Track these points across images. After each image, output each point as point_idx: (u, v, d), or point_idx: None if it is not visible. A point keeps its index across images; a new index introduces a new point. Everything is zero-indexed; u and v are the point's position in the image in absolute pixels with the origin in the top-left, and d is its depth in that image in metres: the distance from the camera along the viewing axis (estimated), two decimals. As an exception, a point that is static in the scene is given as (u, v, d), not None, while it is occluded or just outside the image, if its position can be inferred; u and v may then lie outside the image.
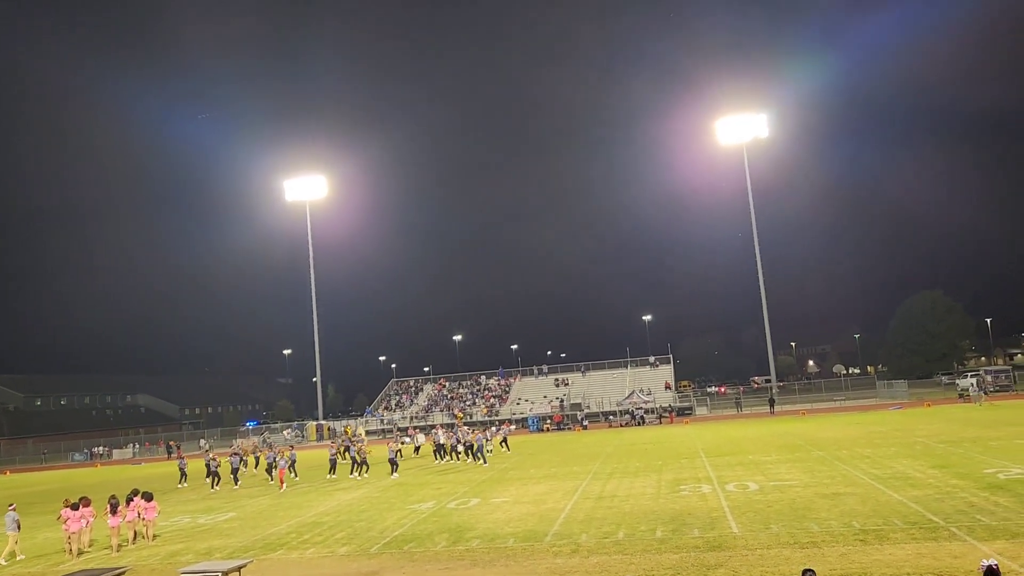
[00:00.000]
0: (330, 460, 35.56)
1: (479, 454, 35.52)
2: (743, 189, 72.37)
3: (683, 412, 63.94)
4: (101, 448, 76.80)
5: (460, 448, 37.75)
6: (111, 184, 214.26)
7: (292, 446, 44.90)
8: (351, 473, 34.40)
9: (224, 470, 35.89)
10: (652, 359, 77.92)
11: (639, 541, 15.94)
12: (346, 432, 65.09)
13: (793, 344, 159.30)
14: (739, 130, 70.82)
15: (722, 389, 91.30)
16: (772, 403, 60.55)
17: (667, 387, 70.21)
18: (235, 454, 37.56)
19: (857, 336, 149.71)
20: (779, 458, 28.52)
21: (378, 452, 39.42)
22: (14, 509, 21.02)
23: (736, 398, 70.51)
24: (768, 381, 76.82)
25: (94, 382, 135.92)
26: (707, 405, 68.69)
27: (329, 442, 45.16)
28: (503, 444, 42.41)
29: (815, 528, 15.84)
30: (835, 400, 65.22)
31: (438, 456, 38.60)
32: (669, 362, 76.88)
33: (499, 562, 15.11)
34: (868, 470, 23.48)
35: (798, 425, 44.62)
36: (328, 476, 34.58)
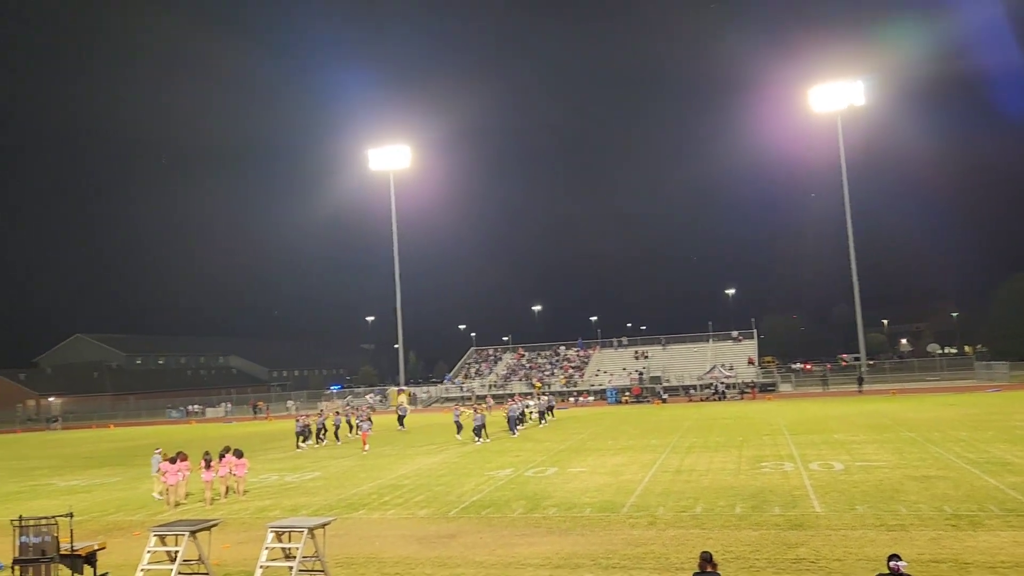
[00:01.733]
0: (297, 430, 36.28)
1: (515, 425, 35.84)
2: (836, 159, 69.73)
3: (766, 388, 62.66)
4: (195, 406, 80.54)
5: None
6: (201, 154, 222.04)
7: (372, 408, 46.06)
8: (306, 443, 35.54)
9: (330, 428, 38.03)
10: (735, 334, 76.38)
11: (718, 516, 15.75)
12: (399, 397, 66.32)
13: (885, 322, 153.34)
14: (834, 98, 68.03)
15: (808, 366, 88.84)
16: (861, 381, 58.67)
17: (750, 362, 68.81)
18: (337, 413, 39.61)
19: (955, 314, 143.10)
20: (866, 438, 27.65)
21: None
22: (160, 453, 22.52)
23: (822, 375, 68.57)
24: (857, 359, 74.35)
25: (190, 344, 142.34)
26: (791, 382, 67.08)
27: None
28: (543, 416, 42.77)
29: (903, 511, 15.32)
30: (928, 380, 62.67)
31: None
32: (753, 337, 75.22)
33: (575, 531, 15.17)
34: (962, 453, 22.53)
35: (888, 405, 43.13)
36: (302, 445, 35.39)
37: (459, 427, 34.58)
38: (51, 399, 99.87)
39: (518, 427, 36.75)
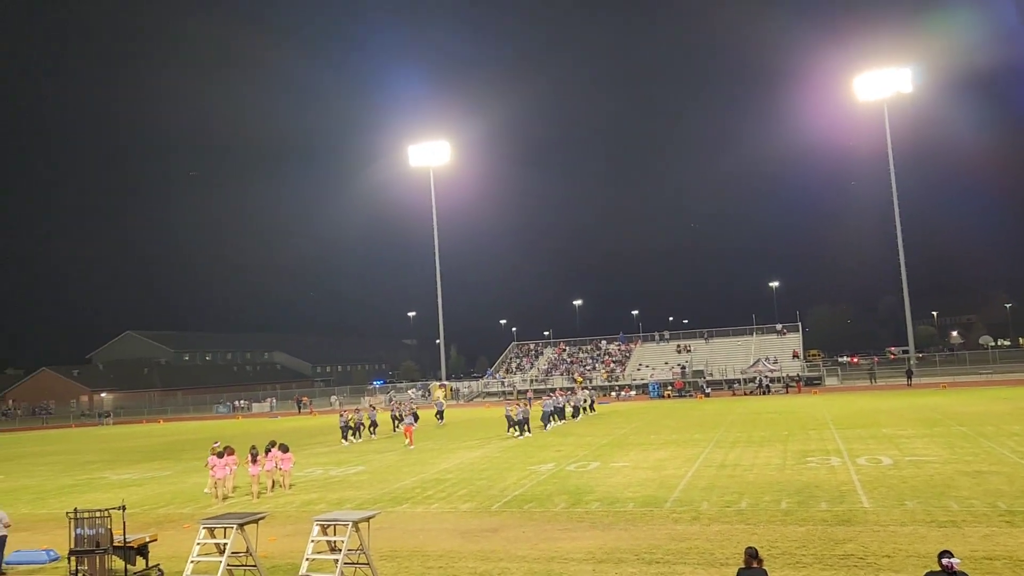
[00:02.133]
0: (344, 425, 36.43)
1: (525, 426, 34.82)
2: (882, 148, 68.25)
3: (811, 382, 61.68)
4: (241, 401, 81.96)
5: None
6: (246, 152, 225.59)
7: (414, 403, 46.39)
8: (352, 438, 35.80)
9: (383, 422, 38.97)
10: (779, 327, 75.31)
11: (763, 512, 15.56)
12: (436, 392, 66.67)
13: (935, 314, 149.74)
14: (880, 85, 66.56)
15: (854, 359, 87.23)
16: (910, 375, 57.42)
17: (795, 355, 67.79)
18: (372, 408, 40.23)
19: (1008, 305, 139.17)
20: (916, 432, 27.08)
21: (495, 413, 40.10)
22: (218, 445, 23.33)
23: (870, 369, 67.26)
24: (906, 352, 72.80)
25: (235, 340, 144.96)
26: (837, 375, 65.90)
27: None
28: (577, 411, 42.50)
29: (955, 507, 14.97)
30: (981, 373, 61.06)
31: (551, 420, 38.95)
32: (797, 330, 74.09)
33: (618, 526, 15.11)
34: (1016, 448, 21.94)
35: (938, 398, 42.17)
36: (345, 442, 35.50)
37: (510, 422, 34.52)
38: (103, 395, 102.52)
39: (551, 423, 36.80)
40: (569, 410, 42.04)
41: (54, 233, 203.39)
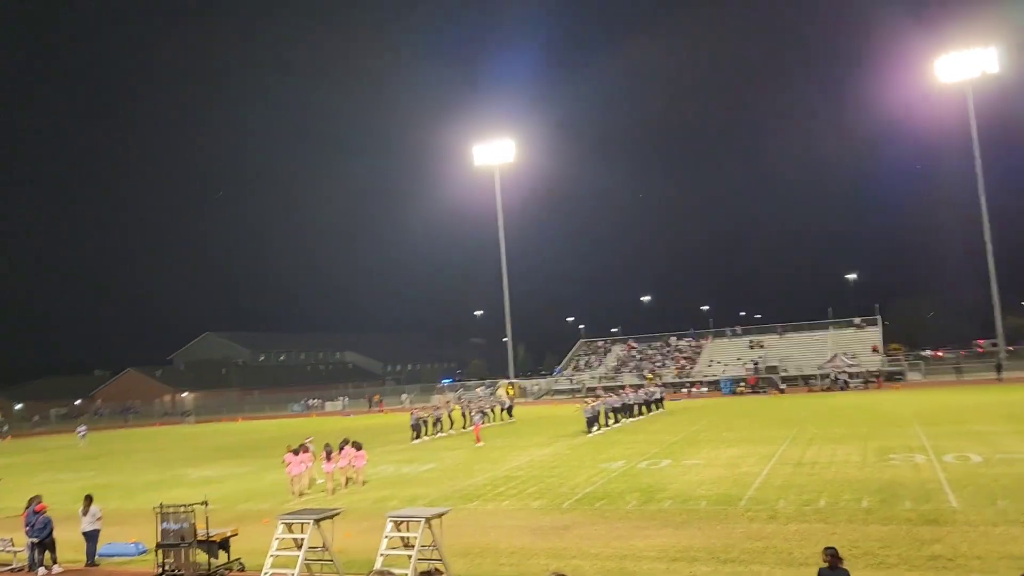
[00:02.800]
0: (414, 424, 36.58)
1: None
2: (966, 132, 65.44)
3: (893, 377, 59.62)
4: (315, 400, 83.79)
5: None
6: (318, 155, 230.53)
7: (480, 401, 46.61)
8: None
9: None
10: (857, 320, 72.96)
11: (843, 510, 15.08)
12: (502, 390, 66.78)
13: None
14: (963, 67, 63.76)
15: (939, 353, 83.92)
16: (999, 369, 54.93)
17: (874, 350, 65.61)
18: (449, 403, 40.60)
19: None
20: (1007, 429, 25.89)
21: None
22: (311, 442, 24.19)
23: (956, 363, 64.60)
24: (995, 345, 69.69)
25: (309, 340, 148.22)
26: (920, 370, 63.53)
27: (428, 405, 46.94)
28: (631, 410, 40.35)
29: (1051, 507, 14.24)
30: (1075, 367, 58.04)
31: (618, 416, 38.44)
32: (877, 324, 71.60)
33: (692, 524, 14.86)
34: (1118, 445, 20.76)
35: (1029, 394, 40.26)
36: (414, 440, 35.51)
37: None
38: (184, 394, 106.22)
39: (596, 427, 33.97)
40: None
41: (137, 240, 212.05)
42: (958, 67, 63.96)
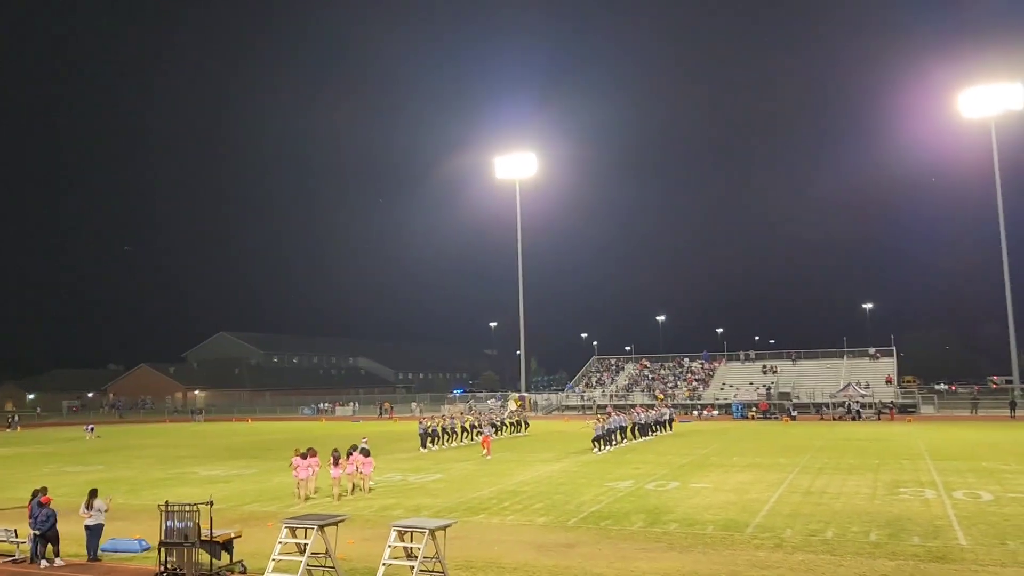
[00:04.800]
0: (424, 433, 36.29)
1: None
2: (989, 167, 64.98)
3: (906, 409, 59.04)
4: (325, 404, 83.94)
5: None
6: (337, 165, 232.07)
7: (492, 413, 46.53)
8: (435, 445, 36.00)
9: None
10: (872, 351, 72.45)
11: (850, 543, 14.93)
12: (516, 402, 66.58)
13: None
14: (987, 102, 63.42)
15: (953, 387, 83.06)
16: (1013, 406, 54.27)
17: (888, 381, 65.05)
18: (462, 413, 40.48)
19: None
20: (1020, 468, 25.55)
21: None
22: (366, 442, 24.90)
23: (972, 398, 63.89)
24: (1009, 381, 68.87)
25: (322, 344, 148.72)
26: (934, 403, 62.87)
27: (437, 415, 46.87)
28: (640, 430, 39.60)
29: (1063, 550, 14.03)
30: (1093, 408, 57.20)
31: (634, 435, 38.38)
32: (892, 355, 71.05)
33: (697, 548, 14.75)
34: None
35: (1045, 433, 39.72)
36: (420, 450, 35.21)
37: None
38: (196, 392, 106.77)
39: (604, 446, 33.47)
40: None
41: (156, 239, 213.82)
42: (982, 102, 63.62)
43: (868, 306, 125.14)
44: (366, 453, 22.85)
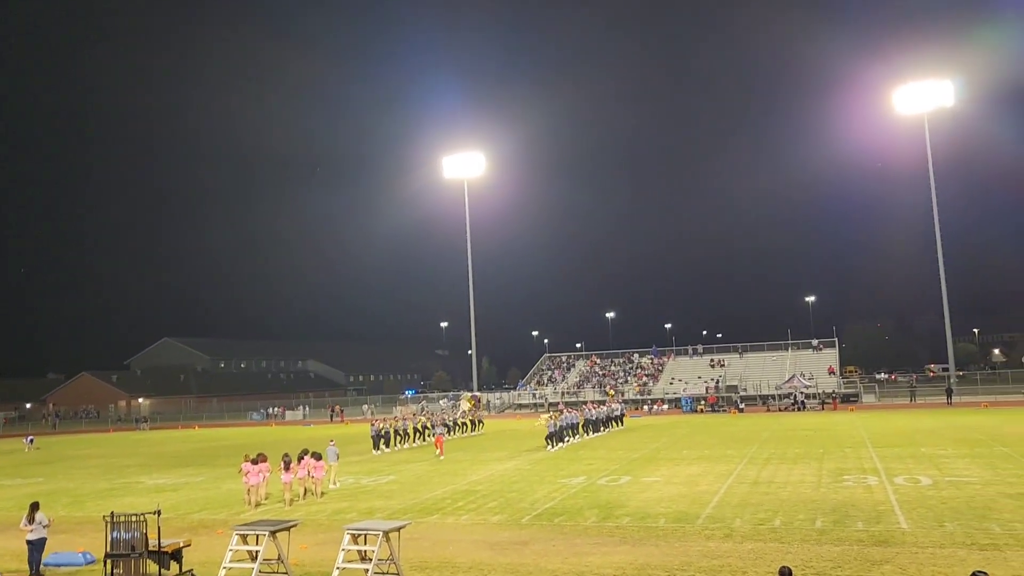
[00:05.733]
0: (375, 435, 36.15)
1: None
2: (922, 162, 67.19)
3: (848, 399, 60.66)
4: (275, 409, 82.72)
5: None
6: (279, 163, 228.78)
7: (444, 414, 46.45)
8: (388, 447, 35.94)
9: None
10: (815, 342, 74.31)
11: (797, 530, 15.31)
12: (469, 402, 66.58)
13: (976, 331, 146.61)
14: (920, 99, 65.54)
15: (893, 376, 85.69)
16: (949, 393, 56.22)
17: (831, 372, 66.80)
18: (404, 419, 40.07)
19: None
20: (956, 452, 26.49)
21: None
22: (334, 444, 24.93)
23: (909, 386, 65.96)
24: (945, 370, 71.31)
25: (270, 348, 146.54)
26: (875, 393, 64.74)
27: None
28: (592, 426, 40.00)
29: (997, 529, 14.61)
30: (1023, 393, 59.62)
31: (586, 431, 38.72)
32: (834, 346, 73.05)
33: (649, 541, 14.97)
34: (1062, 471, 21.34)
35: (979, 418, 41.23)
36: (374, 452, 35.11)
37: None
38: (140, 400, 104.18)
39: (557, 443, 33.66)
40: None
41: (94, 242, 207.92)
42: (916, 99, 65.71)
43: (811, 299, 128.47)
44: (318, 457, 22.60)
